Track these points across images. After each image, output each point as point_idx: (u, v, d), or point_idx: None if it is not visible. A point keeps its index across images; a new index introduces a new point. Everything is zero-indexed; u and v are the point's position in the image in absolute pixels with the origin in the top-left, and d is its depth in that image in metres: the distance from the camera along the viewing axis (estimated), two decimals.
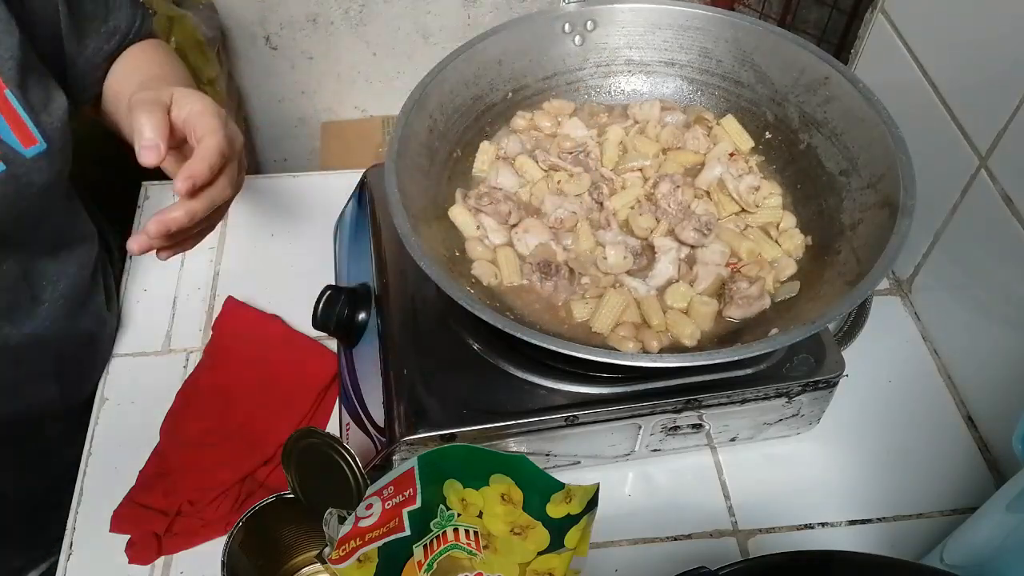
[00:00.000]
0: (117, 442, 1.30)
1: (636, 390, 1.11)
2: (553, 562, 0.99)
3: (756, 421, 1.19)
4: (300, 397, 1.31)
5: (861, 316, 1.30)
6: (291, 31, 3.09)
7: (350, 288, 1.28)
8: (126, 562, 1.18)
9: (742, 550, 1.18)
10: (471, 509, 1.02)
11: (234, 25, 3.05)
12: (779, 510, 1.21)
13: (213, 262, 1.52)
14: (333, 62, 3.20)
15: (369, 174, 1.39)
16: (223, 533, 1.18)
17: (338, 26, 3.08)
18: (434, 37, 3.16)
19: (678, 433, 1.18)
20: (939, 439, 1.28)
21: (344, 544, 0.97)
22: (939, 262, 1.36)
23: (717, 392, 1.12)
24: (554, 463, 1.18)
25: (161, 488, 1.22)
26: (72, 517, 1.23)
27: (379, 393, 1.14)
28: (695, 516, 1.21)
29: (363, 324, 1.25)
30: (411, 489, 1.00)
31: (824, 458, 1.26)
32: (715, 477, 1.24)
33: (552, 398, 1.11)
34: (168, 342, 1.41)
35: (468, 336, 1.16)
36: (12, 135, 1.08)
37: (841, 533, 1.19)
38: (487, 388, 1.13)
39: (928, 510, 1.21)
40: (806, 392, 1.15)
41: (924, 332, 1.40)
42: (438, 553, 0.96)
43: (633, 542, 1.18)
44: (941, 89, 1.28)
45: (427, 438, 1.08)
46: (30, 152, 1.10)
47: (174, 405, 1.31)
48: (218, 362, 1.36)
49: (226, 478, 1.23)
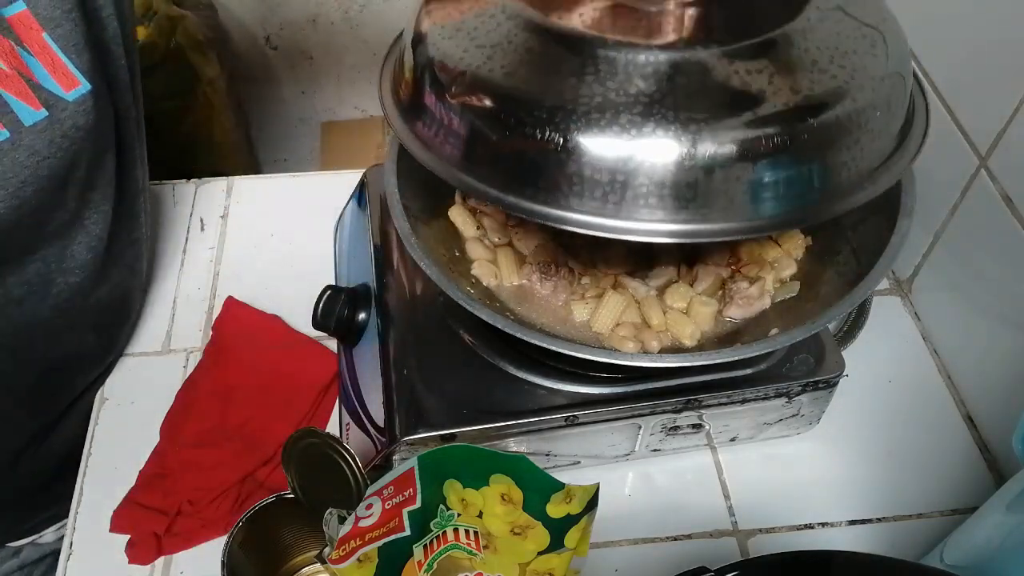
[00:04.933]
0: (117, 442, 1.30)
1: (636, 390, 1.11)
2: (553, 562, 0.99)
3: (756, 421, 1.19)
4: (300, 397, 1.31)
5: (861, 316, 1.29)
6: (291, 31, 3.09)
7: (350, 288, 1.28)
8: (126, 562, 1.18)
9: (742, 550, 1.18)
10: (471, 509, 1.03)
11: (234, 25, 3.05)
12: (779, 510, 1.21)
13: (213, 262, 1.52)
14: (333, 62, 3.20)
15: (369, 174, 1.40)
16: (223, 533, 1.18)
17: (338, 26, 3.09)
18: None
19: (678, 433, 1.18)
20: (939, 439, 1.28)
21: (344, 544, 0.97)
22: (939, 262, 1.36)
23: (717, 392, 1.12)
24: (554, 463, 1.18)
25: (161, 488, 1.22)
26: (72, 517, 1.23)
27: (379, 393, 1.14)
28: (695, 516, 1.21)
29: (363, 324, 1.25)
30: (411, 489, 1.00)
31: (824, 458, 1.26)
32: (715, 477, 1.24)
33: (552, 398, 1.11)
34: (168, 342, 1.41)
35: (468, 336, 1.16)
36: (52, 80, 1.07)
37: (841, 533, 1.19)
38: (487, 388, 1.13)
39: (928, 510, 1.21)
40: (806, 392, 1.15)
41: (924, 332, 1.40)
42: (438, 553, 0.96)
43: (633, 542, 1.18)
44: (941, 89, 1.28)
45: (427, 438, 1.08)
46: (72, 95, 1.09)
47: (174, 405, 1.32)
48: (218, 362, 1.35)
49: (226, 478, 1.23)
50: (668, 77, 0.86)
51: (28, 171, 1.07)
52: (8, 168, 1.05)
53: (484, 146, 0.92)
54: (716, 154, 0.84)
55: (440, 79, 0.95)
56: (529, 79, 0.90)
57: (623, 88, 0.85)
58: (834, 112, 0.87)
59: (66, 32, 1.08)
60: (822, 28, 0.90)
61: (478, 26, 0.94)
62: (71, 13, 1.08)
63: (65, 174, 1.13)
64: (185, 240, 1.56)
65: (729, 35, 0.88)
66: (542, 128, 0.86)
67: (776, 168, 0.86)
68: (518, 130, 0.88)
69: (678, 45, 0.87)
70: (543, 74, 0.89)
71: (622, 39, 0.88)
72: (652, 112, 0.84)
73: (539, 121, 0.86)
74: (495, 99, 0.90)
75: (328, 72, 3.23)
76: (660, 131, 0.84)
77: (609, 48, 0.87)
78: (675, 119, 0.84)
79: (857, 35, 0.92)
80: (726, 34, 0.88)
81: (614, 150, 0.84)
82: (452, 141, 0.94)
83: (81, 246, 1.22)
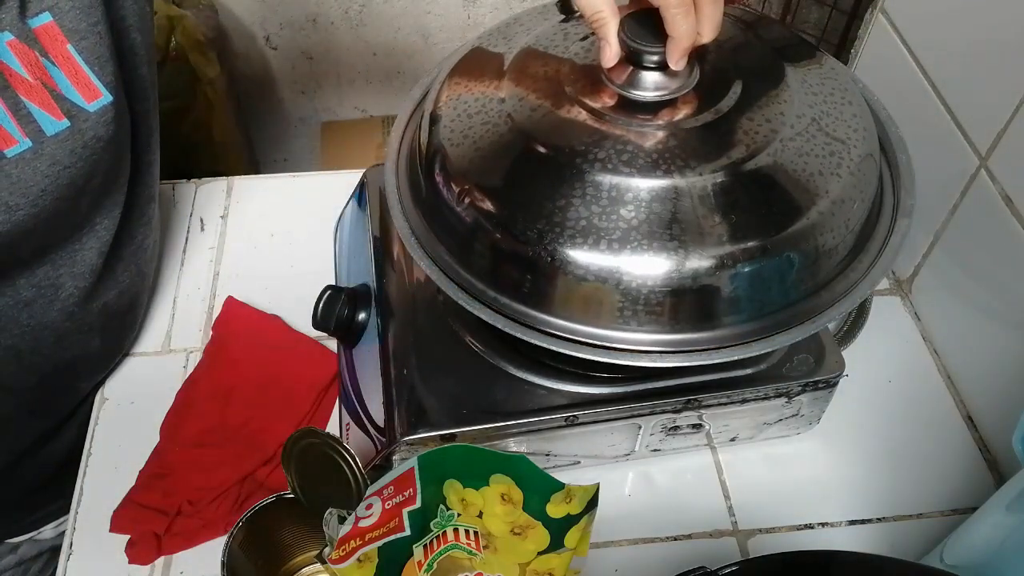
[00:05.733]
0: (117, 442, 1.30)
1: (636, 390, 1.11)
2: (553, 562, 0.99)
3: (756, 421, 1.19)
4: (300, 397, 1.31)
5: (861, 316, 1.30)
6: (291, 31, 3.09)
7: (350, 288, 1.28)
8: (126, 562, 1.18)
9: (742, 550, 1.18)
10: (471, 509, 1.03)
11: (234, 25, 3.05)
12: (779, 510, 1.21)
13: (213, 262, 1.52)
14: (333, 62, 3.20)
15: (369, 174, 1.39)
16: (223, 533, 1.18)
17: (338, 26, 3.09)
18: (434, 37, 3.16)
19: (678, 433, 1.18)
20: (939, 439, 1.28)
21: (344, 544, 0.97)
22: (939, 262, 1.36)
23: (717, 392, 1.12)
24: (554, 463, 1.18)
25: (161, 488, 1.22)
26: (72, 517, 1.23)
27: (379, 393, 1.14)
28: (695, 516, 1.21)
29: (363, 324, 1.25)
30: (411, 489, 1.00)
31: (824, 458, 1.26)
32: (715, 477, 1.24)
33: (552, 398, 1.11)
34: (168, 342, 1.41)
35: (468, 336, 1.17)
36: (74, 90, 1.08)
37: (841, 533, 1.19)
38: (487, 388, 1.13)
39: (928, 510, 1.21)
40: (806, 392, 1.15)
41: (924, 332, 1.40)
42: (438, 553, 0.97)
43: (633, 542, 1.18)
44: (941, 89, 1.28)
45: (427, 438, 1.09)
46: (93, 106, 1.10)
47: (174, 405, 1.32)
48: (218, 362, 1.36)
49: (226, 478, 1.23)
50: (646, 203, 0.94)
51: (48, 180, 1.08)
52: (29, 177, 1.06)
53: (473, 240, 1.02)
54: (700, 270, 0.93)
55: (448, 169, 1.04)
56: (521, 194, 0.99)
57: (606, 212, 0.94)
58: (803, 225, 0.96)
59: (90, 45, 1.09)
60: (792, 148, 0.97)
61: (482, 135, 1.04)
62: (96, 26, 1.09)
63: (83, 183, 1.13)
64: (185, 240, 1.56)
65: (705, 162, 0.96)
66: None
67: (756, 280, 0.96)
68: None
69: (658, 173, 0.95)
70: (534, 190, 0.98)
71: (607, 163, 0.96)
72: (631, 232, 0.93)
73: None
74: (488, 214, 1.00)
75: (328, 72, 3.23)
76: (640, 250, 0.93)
77: (595, 173, 0.96)
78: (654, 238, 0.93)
79: (825, 152, 0.99)
80: (703, 161, 0.96)
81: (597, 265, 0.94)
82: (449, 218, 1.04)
83: (91, 250, 1.22)
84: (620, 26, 0.97)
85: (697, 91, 1.00)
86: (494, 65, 1.09)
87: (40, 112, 1.06)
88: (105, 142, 1.13)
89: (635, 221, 0.92)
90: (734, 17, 1.11)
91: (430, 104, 1.11)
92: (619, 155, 0.95)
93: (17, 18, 1.03)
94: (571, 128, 0.99)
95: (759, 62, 1.07)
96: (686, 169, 0.94)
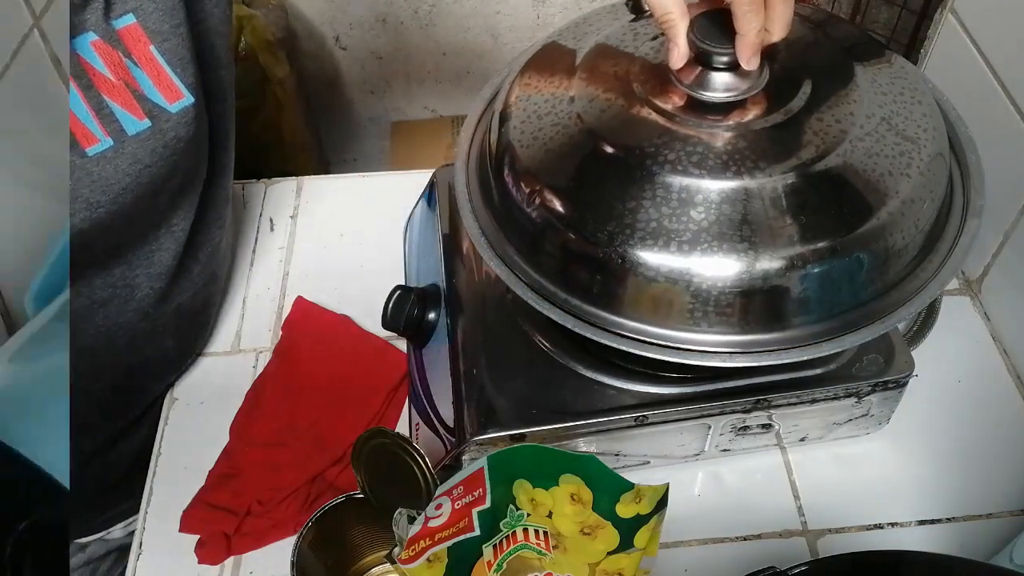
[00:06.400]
0: (186, 442, 1.31)
1: (706, 390, 1.11)
2: (623, 562, 0.99)
3: (826, 421, 1.19)
4: (369, 397, 1.32)
5: (930, 316, 1.29)
6: (360, 31, 3.10)
7: (420, 288, 1.28)
8: (196, 562, 1.19)
9: (811, 550, 1.17)
10: (540, 509, 1.03)
11: (303, 25, 3.06)
12: (848, 510, 1.21)
13: (283, 262, 1.53)
14: (402, 62, 3.21)
15: (438, 174, 1.40)
16: (292, 533, 1.19)
17: (408, 26, 3.09)
18: (503, 37, 3.16)
19: (748, 433, 1.17)
20: (1009, 438, 1.27)
21: (413, 544, 0.97)
22: (1009, 262, 1.35)
23: (787, 392, 1.11)
24: (623, 463, 1.18)
25: (230, 488, 1.24)
26: (142, 517, 1.24)
27: (448, 393, 1.15)
28: (764, 516, 1.20)
29: (433, 324, 1.25)
30: (480, 489, 1.00)
31: (894, 458, 1.25)
32: (785, 477, 1.24)
33: (621, 398, 1.11)
34: (238, 342, 1.43)
35: (537, 336, 1.17)
36: (156, 91, 1.10)
37: (910, 533, 1.19)
38: (556, 388, 1.13)
39: (998, 510, 1.21)
40: (876, 392, 1.15)
41: (994, 332, 1.39)
42: (508, 553, 0.97)
43: (703, 542, 1.18)
44: (1011, 89, 1.27)
45: (497, 438, 1.09)
46: (175, 107, 1.12)
47: (243, 405, 1.33)
48: (287, 362, 1.37)
49: (295, 478, 1.24)
50: (716, 205, 0.94)
51: (129, 178, 1.10)
52: (111, 175, 1.08)
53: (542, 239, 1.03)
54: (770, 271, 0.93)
55: (517, 169, 1.05)
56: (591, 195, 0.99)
57: (676, 214, 0.95)
58: (873, 225, 0.95)
59: (173, 46, 1.10)
60: (862, 148, 0.97)
61: (552, 135, 1.04)
62: (179, 28, 1.10)
63: (162, 183, 1.15)
64: (255, 240, 1.57)
65: (775, 163, 0.96)
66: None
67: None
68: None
69: (728, 174, 0.95)
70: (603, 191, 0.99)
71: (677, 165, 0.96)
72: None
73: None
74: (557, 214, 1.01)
75: (397, 72, 3.23)
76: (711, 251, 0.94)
77: (665, 174, 0.96)
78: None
79: (895, 152, 0.99)
80: (773, 162, 0.96)
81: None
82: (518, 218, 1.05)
83: (167, 251, 1.24)
84: (690, 26, 0.97)
85: (766, 91, 1.00)
86: (563, 65, 1.10)
87: (122, 112, 1.08)
88: (185, 143, 1.14)
89: (705, 223, 0.92)
90: (803, 16, 1.11)
91: (500, 104, 1.12)
92: (689, 156, 0.95)
93: (101, 19, 1.05)
94: (641, 129, 0.99)
95: (828, 62, 1.06)
96: (756, 170, 0.94)
